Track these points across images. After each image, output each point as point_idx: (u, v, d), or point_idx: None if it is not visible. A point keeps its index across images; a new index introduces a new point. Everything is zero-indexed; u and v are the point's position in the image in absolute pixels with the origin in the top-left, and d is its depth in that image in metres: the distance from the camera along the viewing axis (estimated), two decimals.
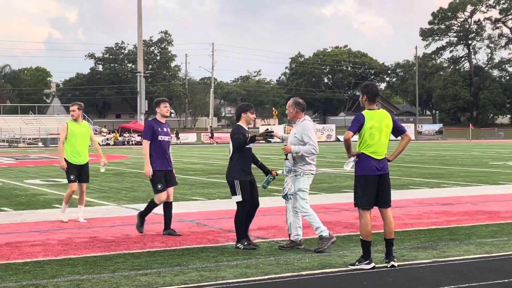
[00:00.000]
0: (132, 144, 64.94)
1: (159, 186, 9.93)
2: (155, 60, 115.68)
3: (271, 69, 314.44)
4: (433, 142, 67.33)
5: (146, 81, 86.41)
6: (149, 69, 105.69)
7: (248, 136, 8.91)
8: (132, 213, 12.72)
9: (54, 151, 48.58)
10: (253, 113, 9.18)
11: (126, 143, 65.05)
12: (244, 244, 8.89)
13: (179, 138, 71.01)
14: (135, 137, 67.07)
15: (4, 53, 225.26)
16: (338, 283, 7.04)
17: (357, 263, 7.67)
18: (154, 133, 9.93)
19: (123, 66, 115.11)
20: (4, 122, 70.32)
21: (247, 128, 9.19)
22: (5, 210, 13.16)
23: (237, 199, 9.04)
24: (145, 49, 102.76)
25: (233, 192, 9.06)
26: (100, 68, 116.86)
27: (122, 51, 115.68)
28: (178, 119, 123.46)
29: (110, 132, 68.14)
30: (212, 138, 70.51)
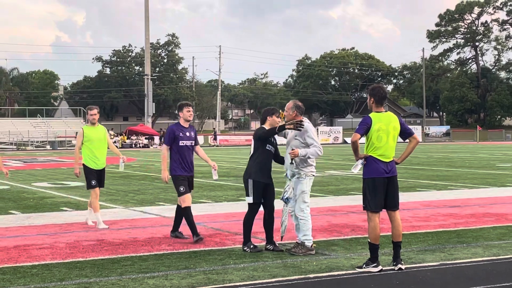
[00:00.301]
0: (140, 147, 64.97)
1: (181, 189, 9.78)
2: (163, 63, 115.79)
3: (278, 72, 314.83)
4: (440, 144, 67.18)
5: (154, 84, 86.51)
6: (157, 72, 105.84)
7: (278, 126, 8.80)
8: (139, 216, 12.76)
9: (62, 154, 48.71)
10: (279, 117, 9.17)
11: (134, 146, 65.03)
12: (250, 248, 8.90)
13: None
14: (143, 140, 67.14)
15: (12, 56, 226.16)
16: (346, 286, 7.04)
17: (365, 266, 7.67)
18: (176, 138, 9.80)
19: (131, 69, 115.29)
20: (12, 125, 70.47)
21: None
22: (13, 213, 13.20)
23: (248, 200, 9.05)
24: (153, 52, 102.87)
25: (246, 192, 9.08)
26: (108, 71, 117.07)
27: (130, 54, 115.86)
28: None
29: (118, 135, 68.16)
30: (216, 140, 70.51)
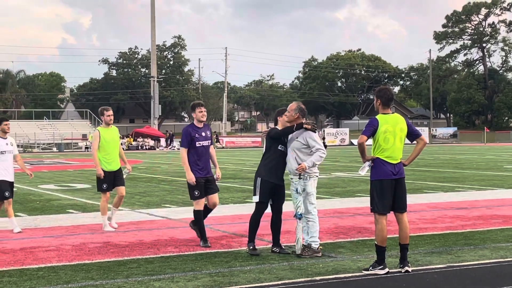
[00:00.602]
0: (146, 149, 65.08)
1: (196, 193, 9.58)
2: (169, 65, 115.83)
3: (284, 73, 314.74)
4: (448, 146, 67.02)
5: (160, 86, 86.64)
6: (163, 74, 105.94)
7: (295, 125, 8.81)
8: (146, 218, 12.76)
9: (69, 156, 48.81)
10: (284, 116, 9.12)
11: (140, 148, 65.14)
12: (250, 249, 8.89)
13: None
14: (149, 142, 67.23)
15: (19, 59, 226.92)
16: None
17: (371, 268, 7.64)
18: (192, 140, 9.59)
19: (137, 71, 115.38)
20: (19, 127, 70.58)
21: None
22: (20, 216, 13.21)
23: (255, 199, 9.03)
24: (159, 54, 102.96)
25: (254, 191, 9.06)
26: (114, 73, 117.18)
27: (136, 56, 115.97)
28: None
29: (124, 137, 68.27)
30: (218, 142, 70.66)
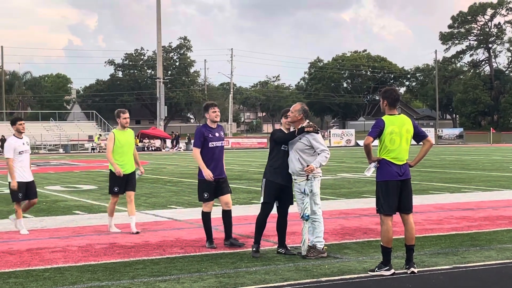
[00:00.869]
0: (152, 150, 65.15)
1: (205, 195, 9.53)
2: (174, 66, 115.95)
3: (290, 74, 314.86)
4: (454, 147, 66.87)
5: (166, 87, 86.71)
6: (169, 75, 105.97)
7: (296, 130, 8.84)
8: (152, 219, 12.77)
9: (75, 158, 48.89)
10: (287, 118, 9.12)
11: (146, 149, 65.16)
12: (253, 250, 8.88)
13: (189, 144, 70.77)
14: (155, 143, 67.31)
15: (25, 60, 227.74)
16: None
17: (377, 269, 7.63)
18: (205, 140, 9.55)
19: (143, 72, 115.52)
20: (25, 129, 70.81)
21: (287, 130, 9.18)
22: (26, 217, 13.23)
23: (261, 200, 9.06)
24: (165, 55, 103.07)
25: (261, 192, 9.10)
26: (120, 75, 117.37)
27: (142, 57, 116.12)
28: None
29: None
30: None
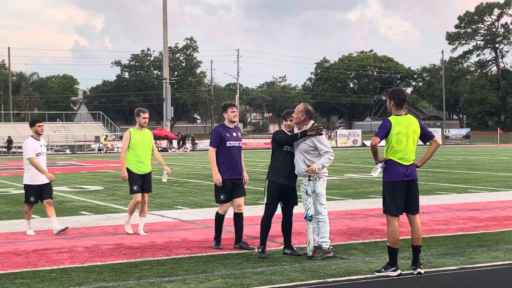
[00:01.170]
0: (158, 151, 64.97)
1: (222, 197, 9.40)
2: (181, 67, 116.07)
3: (296, 75, 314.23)
4: (460, 147, 66.72)
5: (172, 88, 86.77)
6: (175, 76, 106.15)
7: (299, 132, 8.82)
8: (158, 220, 12.77)
9: (81, 158, 48.98)
10: (287, 120, 9.10)
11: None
12: (259, 251, 8.88)
13: (196, 144, 70.83)
14: (161, 144, 67.38)
15: (32, 61, 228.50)
16: None
17: (384, 270, 7.61)
18: (222, 139, 9.41)
19: (149, 73, 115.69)
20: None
21: (289, 132, 9.12)
22: (33, 217, 13.24)
23: (264, 201, 9.04)
24: (171, 56, 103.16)
25: (264, 193, 9.09)
26: (127, 75, 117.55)
27: (148, 58, 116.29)
28: (204, 125, 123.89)
29: None
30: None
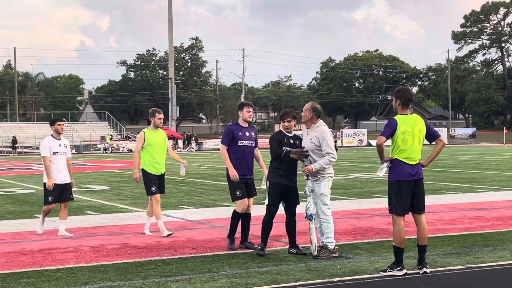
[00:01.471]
0: None
1: (238, 193, 9.29)
2: (186, 67, 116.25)
3: (302, 74, 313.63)
4: (466, 146, 66.58)
5: (177, 88, 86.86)
6: (180, 76, 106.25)
7: (284, 151, 8.83)
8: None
9: (87, 158, 49.05)
10: (285, 121, 9.09)
11: None
12: (258, 248, 8.89)
13: (202, 144, 70.90)
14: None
15: (38, 61, 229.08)
16: None
17: (389, 270, 7.60)
18: (234, 138, 9.36)
19: (155, 73, 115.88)
20: (38, 130, 71.08)
21: (288, 133, 9.10)
22: (38, 217, 13.26)
23: (265, 202, 9.03)
24: (176, 56, 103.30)
25: (266, 194, 9.06)
26: (132, 75, 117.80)
27: (154, 58, 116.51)
28: (210, 125, 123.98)
29: None
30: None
